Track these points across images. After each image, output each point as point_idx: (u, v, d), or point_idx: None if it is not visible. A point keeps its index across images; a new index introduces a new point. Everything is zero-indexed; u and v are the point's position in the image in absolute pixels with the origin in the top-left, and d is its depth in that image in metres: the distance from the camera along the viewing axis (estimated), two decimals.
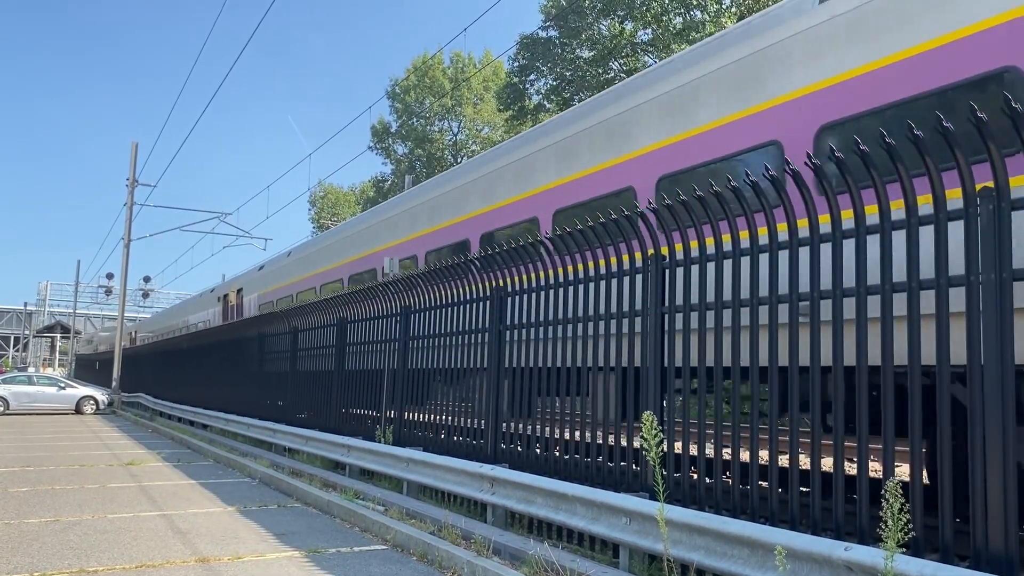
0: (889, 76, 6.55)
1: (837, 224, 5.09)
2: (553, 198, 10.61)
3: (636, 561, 5.77)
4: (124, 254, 34.14)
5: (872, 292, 4.87)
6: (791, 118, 7.34)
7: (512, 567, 5.87)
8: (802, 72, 7.32)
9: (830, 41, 7.10)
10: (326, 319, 13.91)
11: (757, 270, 5.65)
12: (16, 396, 28.36)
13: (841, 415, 4.94)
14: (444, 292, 9.96)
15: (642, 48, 34.47)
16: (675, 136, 8.72)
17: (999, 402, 4.13)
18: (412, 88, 51.27)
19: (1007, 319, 4.17)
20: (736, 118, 7.96)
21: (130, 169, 34.08)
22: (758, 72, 7.80)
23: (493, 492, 7.62)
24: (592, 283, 7.38)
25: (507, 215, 11.57)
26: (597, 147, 9.97)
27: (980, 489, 4.17)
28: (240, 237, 36.41)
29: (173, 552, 6.86)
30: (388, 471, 9.84)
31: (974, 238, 4.33)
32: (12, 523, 8.05)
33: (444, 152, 51.64)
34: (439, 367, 9.97)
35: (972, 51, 5.98)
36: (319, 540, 7.44)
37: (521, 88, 37.72)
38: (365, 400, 12.12)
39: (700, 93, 8.49)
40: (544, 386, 7.92)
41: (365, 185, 61.83)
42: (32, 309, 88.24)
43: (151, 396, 28.44)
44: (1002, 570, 3.96)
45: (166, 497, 9.95)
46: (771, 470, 5.40)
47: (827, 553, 4.32)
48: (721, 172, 7.76)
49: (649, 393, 6.46)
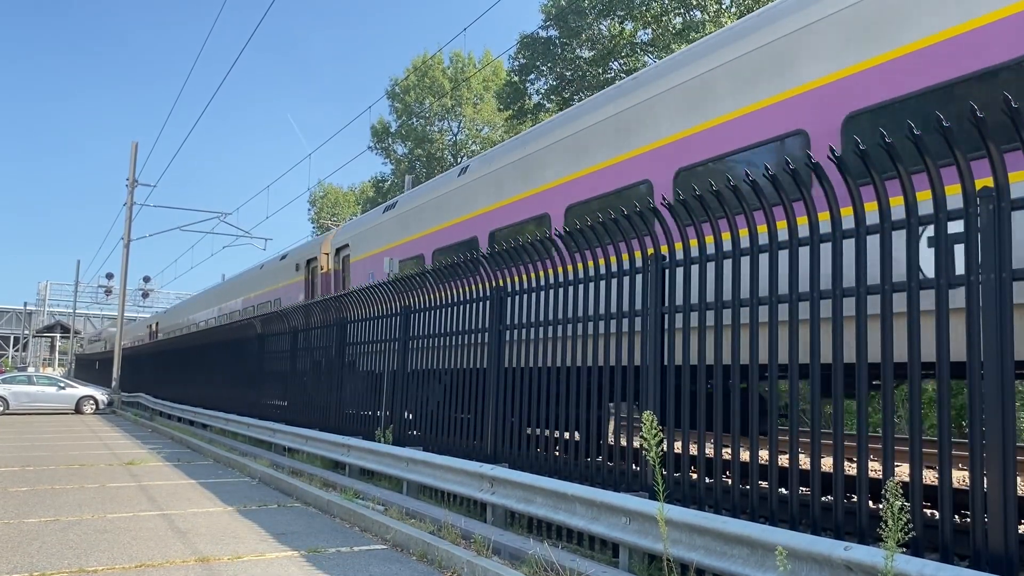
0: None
1: (837, 224, 5.09)
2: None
3: (636, 561, 5.77)
4: (124, 254, 34.18)
5: (872, 292, 4.87)
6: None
7: (512, 567, 5.86)
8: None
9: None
10: (326, 319, 13.92)
11: (757, 269, 5.65)
12: (16, 396, 28.36)
13: (841, 415, 4.94)
14: (444, 292, 9.95)
15: (642, 48, 34.47)
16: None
17: (999, 402, 4.13)
18: (412, 88, 51.26)
19: (1007, 319, 4.17)
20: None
21: (130, 169, 34.11)
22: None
23: (493, 492, 7.62)
24: (592, 283, 7.37)
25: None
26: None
27: (979, 488, 4.18)
28: (240, 237, 36.42)
29: (173, 552, 6.86)
30: (388, 471, 9.84)
31: (974, 238, 4.33)
32: (12, 523, 8.04)
33: (444, 152, 51.63)
34: (440, 367, 9.96)
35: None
36: (319, 540, 7.44)
37: (521, 88, 37.72)
38: (365, 399, 12.12)
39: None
40: (544, 386, 7.92)
41: (365, 185, 61.86)
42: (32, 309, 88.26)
43: (151, 396, 28.44)
44: (1002, 570, 3.96)
45: (166, 497, 9.95)
46: (771, 469, 5.40)
47: (827, 553, 4.32)
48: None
49: (649, 393, 6.46)
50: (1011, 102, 4.02)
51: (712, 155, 8.26)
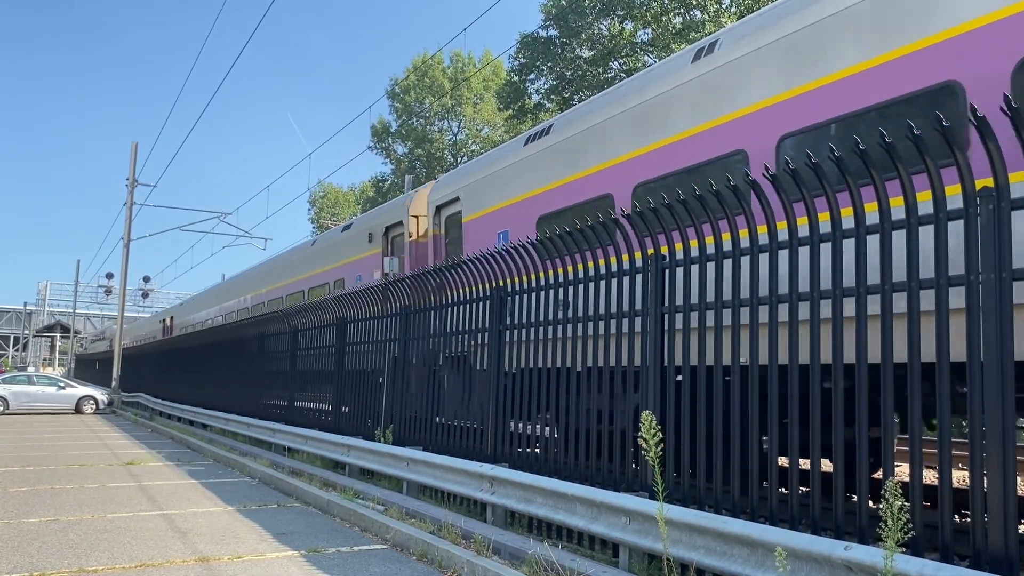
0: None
1: (837, 224, 5.09)
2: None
3: (636, 560, 5.77)
4: (124, 254, 34.17)
5: (872, 292, 4.87)
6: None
7: (512, 566, 5.86)
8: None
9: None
10: (326, 319, 13.92)
11: (757, 269, 5.65)
12: (16, 396, 28.36)
13: (841, 414, 4.94)
14: (444, 292, 9.94)
15: (642, 48, 34.47)
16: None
17: (999, 401, 4.13)
18: (412, 88, 51.26)
19: (1007, 318, 4.17)
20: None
21: (130, 169, 34.10)
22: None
23: (493, 492, 7.62)
24: (592, 283, 7.37)
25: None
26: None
27: (979, 488, 4.18)
28: (240, 237, 36.40)
29: (173, 551, 6.86)
30: (388, 471, 9.85)
31: (974, 238, 4.33)
32: (12, 523, 8.04)
33: (444, 152, 51.64)
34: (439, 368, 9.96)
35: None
36: (319, 539, 7.44)
37: (521, 87, 37.71)
38: (365, 399, 12.12)
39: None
40: (545, 386, 7.92)
41: (365, 185, 61.85)
42: (32, 309, 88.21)
43: (151, 396, 28.44)
44: (1002, 569, 3.96)
45: (166, 497, 9.95)
46: (771, 469, 5.40)
47: (827, 553, 4.32)
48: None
49: (649, 393, 6.46)
50: (1011, 102, 4.02)
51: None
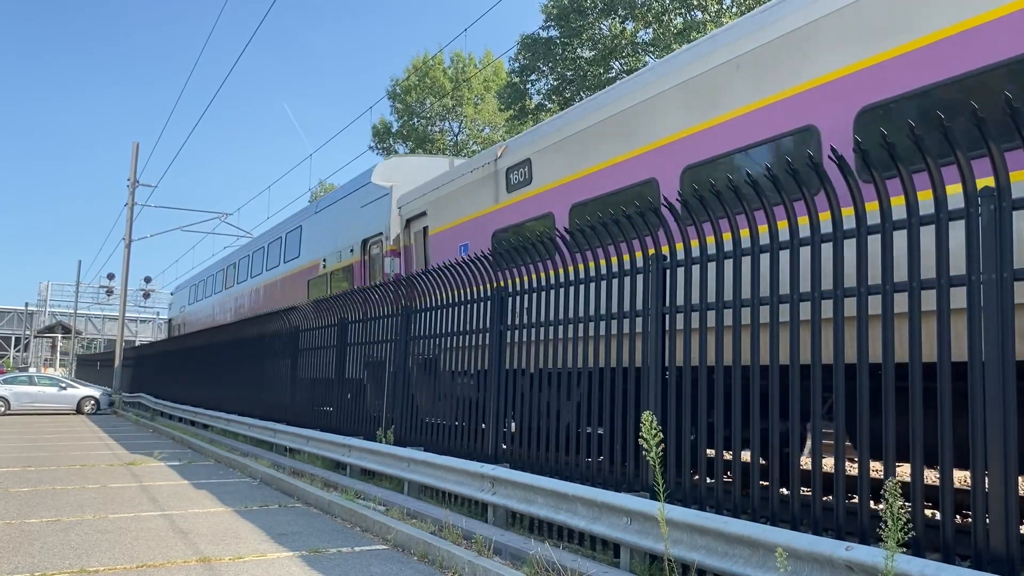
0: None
1: (838, 224, 5.09)
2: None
3: (637, 561, 5.77)
4: (125, 254, 34.18)
5: (873, 292, 4.87)
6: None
7: (513, 567, 5.86)
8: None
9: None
10: (327, 319, 13.91)
11: (758, 269, 5.65)
12: (17, 396, 28.39)
13: (842, 415, 4.94)
14: (444, 291, 9.94)
15: (643, 48, 34.45)
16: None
17: (1000, 401, 4.13)
18: (413, 88, 51.25)
19: (1008, 318, 4.17)
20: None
21: (131, 169, 34.13)
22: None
23: (494, 492, 7.62)
24: (593, 283, 7.37)
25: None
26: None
27: (981, 488, 4.17)
28: (241, 237, 36.41)
29: (174, 552, 6.86)
30: (389, 471, 9.84)
31: (975, 238, 4.33)
32: (13, 523, 8.05)
33: (445, 152, 51.65)
34: (439, 367, 9.96)
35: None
36: (320, 540, 7.44)
37: (522, 88, 37.70)
38: (366, 399, 12.12)
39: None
40: (545, 386, 7.92)
41: None
42: (33, 309, 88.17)
43: (152, 396, 28.45)
44: (1003, 570, 3.96)
45: (167, 497, 9.95)
46: (772, 470, 5.39)
47: (828, 553, 4.31)
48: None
49: (650, 393, 6.46)
50: (1011, 101, 4.02)
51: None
